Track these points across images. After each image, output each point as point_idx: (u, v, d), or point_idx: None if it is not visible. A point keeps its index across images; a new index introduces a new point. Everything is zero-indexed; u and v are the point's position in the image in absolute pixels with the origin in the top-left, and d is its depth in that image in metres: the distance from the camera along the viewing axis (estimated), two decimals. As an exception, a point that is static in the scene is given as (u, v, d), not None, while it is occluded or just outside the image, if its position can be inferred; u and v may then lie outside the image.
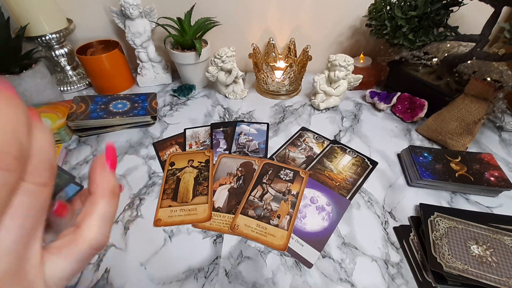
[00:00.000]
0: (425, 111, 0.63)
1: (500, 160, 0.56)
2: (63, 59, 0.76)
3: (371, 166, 0.55)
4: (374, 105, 0.71)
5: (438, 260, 0.39)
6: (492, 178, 0.49)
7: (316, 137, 0.62)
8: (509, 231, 0.42)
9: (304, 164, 0.56)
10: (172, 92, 0.75)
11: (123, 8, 0.66)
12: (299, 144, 0.60)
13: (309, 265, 0.41)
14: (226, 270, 0.40)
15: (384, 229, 0.45)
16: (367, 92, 0.72)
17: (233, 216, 0.47)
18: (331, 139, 0.61)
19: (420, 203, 0.47)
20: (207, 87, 0.79)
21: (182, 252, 0.42)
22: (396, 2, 0.58)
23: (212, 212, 0.47)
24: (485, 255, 0.39)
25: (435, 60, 0.67)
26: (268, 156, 0.58)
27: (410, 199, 0.50)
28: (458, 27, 0.56)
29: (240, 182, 0.52)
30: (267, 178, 0.52)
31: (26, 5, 0.63)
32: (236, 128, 0.63)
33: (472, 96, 0.55)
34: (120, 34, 0.78)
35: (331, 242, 0.43)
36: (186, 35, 0.69)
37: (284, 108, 0.71)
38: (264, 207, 0.48)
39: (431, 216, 0.44)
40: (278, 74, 0.71)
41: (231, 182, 0.52)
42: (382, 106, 0.68)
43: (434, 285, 0.38)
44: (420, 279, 0.39)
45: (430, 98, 0.63)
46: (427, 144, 0.61)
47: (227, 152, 0.58)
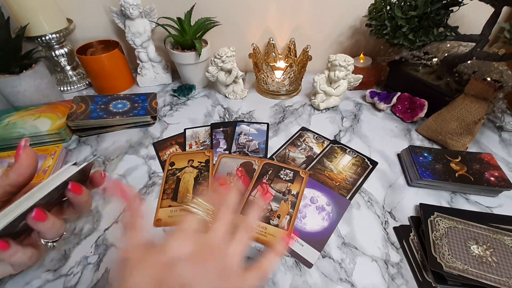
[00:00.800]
0: (425, 111, 0.63)
1: (500, 160, 0.56)
2: (63, 59, 0.76)
3: (371, 166, 0.55)
4: (374, 105, 0.71)
5: (438, 260, 0.39)
6: (492, 178, 0.49)
7: (316, 137, 0.62)
8: (509, 231, 0.42)
9: (304, 164, 0.56)
10: (172, 92, 0.75)
11: (123, 8, 0.66)
12: (299, 144, 0.60)
13: (309, 265, 0.41)
14: (226, 270, 0.40)
15: (384, 229, 0.45)
16: (367, 92, 0.72)
17: (233, 216, 0.47)
18: (331, 139, 0.61)
19: (420, 203, 0.47)
20: (207, 87, 0.79)
21: (182, 252, 0.42)
22: (396, 2, 0.58)
23: (212, 212, 0.47)
24: (485, 255, 0.39)
25: (435, 60, 0.67)
26: (268, 156, 0.58)
27: (410, 199, 0.50)
28: (458, 27, 0.56)
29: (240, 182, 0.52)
30: (267, 178, 0.52)
31: (26, 5, 0.63)
32: (236, 128, 0.63)
33: (472, 96, 0.55)
34: (120, 34, 0.78)
35: (331, 242, 0.43)
36: (186, 35, 0.69)
37: (284, 108, 0.71)
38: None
39: (431, 216, 0.44)
40: (278, 74, 0.71)
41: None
42: (382, 106, 0.68)
43: (434, 285, 0.38)
44: (420, 279, 0.39)
45: (430, 98, 0.63)
46: (427, 144, 0.61)
47: (227, 152, 0.58)
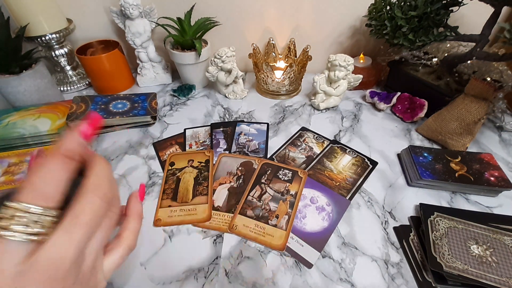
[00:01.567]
0: (425, 111, 0.63)
1: (500, 160, 0.56)
2: (63, 59, 0.76)
3: (371, 166, 0.55)
4: (374, 105, 0.71)
5: (438, 260, 0.39)
6: (492, 178, 0.49)
7: (316, 137, 0.62)
8: (509, 231, 0.42)
9: (304, 164, 0.56)
10: (172, 92, 0.75)
11: (123, 8, 0.66)
12: (299, 144, 0.60)
13: (309, 265, 0.41)
14: (226, 270, 0.40)
15: (384, 229, 0.45)
16: (367, 92, 0.72)
17: (232, 215, 0.47)
18: (331, 139, 0.61)
19: (420, 203, 0.47)
20: (207, 87, 0.79)
21: (182, 252, 0.42)
22: (396, 2, 0.58)
23: (212, 211, 0.47)
24: (485, 255, 0.39)
25: (435, 60, 0.67)
26: (268, 156, 0.58)
27: (410, 199, 0.50)
28: (458, 27, 0.56)
29: (240, 182, 0.52)
30: (266, 178, 0.52)
31: (26, 5, 0.63)
32: (236, 128, 0.63)
33: (472, 96, 0.55)
34: (120, 34, 0.78)
35: (331, 242, 0.43)
36: (186, 35, 0.69)
37: (284, 108, 0.71)
38: (263, 207, 0.48)
39: (431, 216, 0.44)
40: (278, 74, 0.71)
41: (231, 182, 0.52)
42: (382, 106, 0.68)
43: (434, 285, 0.38)
44: (420, 279, 0.39)
45: (430, 98, 0.63)
46: (427, 144, 0.61)
47: (227, 152, 0.58)
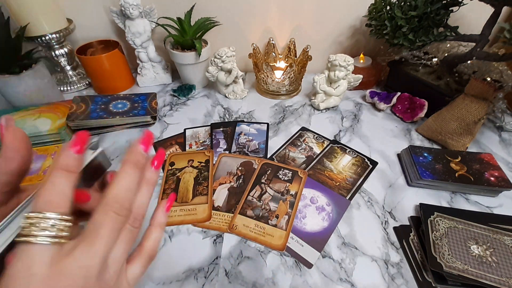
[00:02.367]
0: (425, 111, 0.63)
1: (500, 160, 0.56)
2: (63, 59, 0.76)
3: (371, 166, 0.55)
4: (374, 105, 0.71)
5: (438, 260, 0.39)
6: (492, 178, 0.49)
7: (316, 137, 0.62)
8: (509, 231, 0.42)
9: (304, 164, 0.56)
10: (172, 92, 0.75)
11: (123, 8, 0.66)
12: (299, 144, 0.60)
13: (309, 265, 0.41)
14: (226, 270, 0.40)
15: (384, 229, 0.45)
16: (367, 92, 0.72)
17: (232, 215, 0.47)
18: (331, 139, 0.61)
19: (420, 203, 0.47)
20: (207, 87, 0.79)
21: (182, 252, 0.42)
22: (396, 2, 0.58)
23: (212, 211, 0.47)
24: (485, 255, 0.39)
25: (435, 60, 0.67)
26: (268, 156, 0.58)
27: (410, 199, 0.50)
28: (458, 27, 0.56)
29: (240, 182, 0.52)
30: (266, 178, 0.52)
31: (26, 5, 0.63)
32: (236, 128, 0.63)
33: (472, 96, 0.55)
34: (120, 34, 0.78)
35: (331, 242, 0.43)
36: (186, 35, 0.69)
37: (284, 108, 0.71)
38: (263, 207, 0.47)
39: (431, 216, 0.44)
40: (278, 74, 0.71)
41: (231, 182, 0.52)
42: (382, 106, 0.68)
43: (434, 285, 0.38)
44: (420, 279, 0.39)
45: (430, 98, 0.63)
46: (427, 144, 0.61)
47: (227, 152, 0.58)
